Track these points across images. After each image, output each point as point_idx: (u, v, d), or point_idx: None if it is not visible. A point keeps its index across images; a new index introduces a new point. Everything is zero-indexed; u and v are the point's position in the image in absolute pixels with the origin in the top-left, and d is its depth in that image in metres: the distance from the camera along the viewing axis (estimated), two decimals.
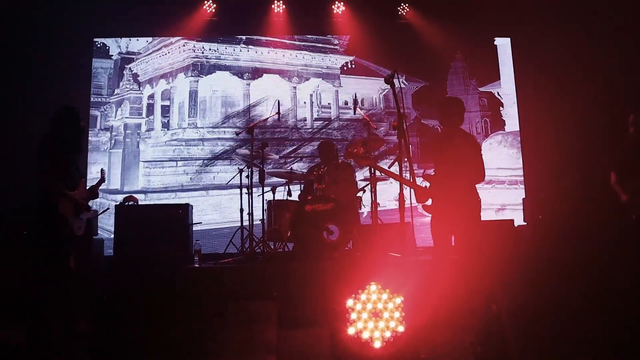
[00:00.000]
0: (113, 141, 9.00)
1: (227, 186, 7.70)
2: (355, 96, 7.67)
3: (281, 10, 8.83)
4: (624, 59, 8.00)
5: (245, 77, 9.20)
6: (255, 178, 6.87)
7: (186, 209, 7.08)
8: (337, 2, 8.89)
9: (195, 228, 7.27)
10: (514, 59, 9.20)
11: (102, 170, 5.71)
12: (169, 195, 8.75)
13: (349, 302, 4.02)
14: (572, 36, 8.39)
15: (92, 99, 8.89)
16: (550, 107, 8.54)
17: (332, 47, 9.35)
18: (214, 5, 8.70)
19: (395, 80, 4.56)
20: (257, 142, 7.04)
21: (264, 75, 9.27)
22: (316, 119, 9.20)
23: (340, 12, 8.90)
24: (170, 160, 8.94)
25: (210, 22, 8.79)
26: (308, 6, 8.89)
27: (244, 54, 9.23)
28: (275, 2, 8.81)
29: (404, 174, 4.75)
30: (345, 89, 9.29)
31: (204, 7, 8.67)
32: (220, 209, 8.50)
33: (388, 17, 8.95)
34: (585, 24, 8.24)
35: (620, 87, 7.91)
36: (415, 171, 4.89)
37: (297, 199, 7.10)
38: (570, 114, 8.30)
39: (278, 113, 8.04)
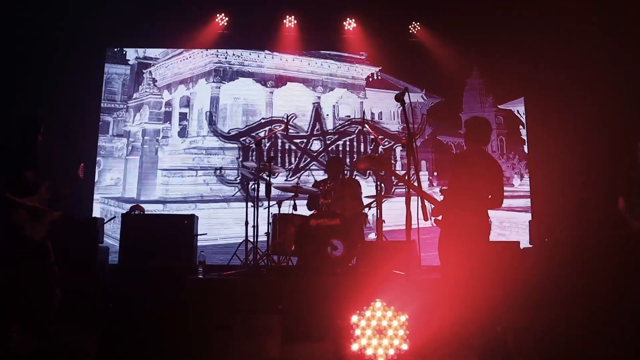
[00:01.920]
0: (130, 147, 8.88)
1: (249, 198, 7.43)
2: (363, 112, 7.69)
3: (292, 25, 8.89)
4: (633, 80, 8.02)
5: (268, 85, 9.11)
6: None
7: (191, 219, 7.10)
8: (348, 19, 8.95)
9: (217, 242, 7.17)
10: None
11: (81, 165, 5.60)
12: (188, 206, 8.55)
13: (354, 318, 4.02)
14: (581, 56, 8.41)
15: (105, 105, 8.85)
16: (558, 130, 8.55)
17: (359, 56, 9.28)
18: (226, 19, 8.76)
19: (406, 98, 4.58)
20: (264, 155, 7.07)
21: (288, 83, 9.18)
22: (329, 132, 9.15)
23: (351, 29, 8.96)
24: (189, 169, 8.79)
25: (222, 34, 8.85)
26: (319, 22, 8.93)
27: (268, 61, 9.15)
28: (287, 17, 8.87)
29: (411, 192, 4.74)
30: (365, 101, 9.20)
31: (216, 19, 8.74)
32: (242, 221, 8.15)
33: (399, 34, 9.00)
34: (593, 44, 8.27)
35: (630, 110, 7.93)
36: (429, 189, 4.91)
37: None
38: (578, 136, 8.31)
39: (286, 125, 8.10)
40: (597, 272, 6.33)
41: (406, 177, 4.87)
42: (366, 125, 7.12)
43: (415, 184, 4.78)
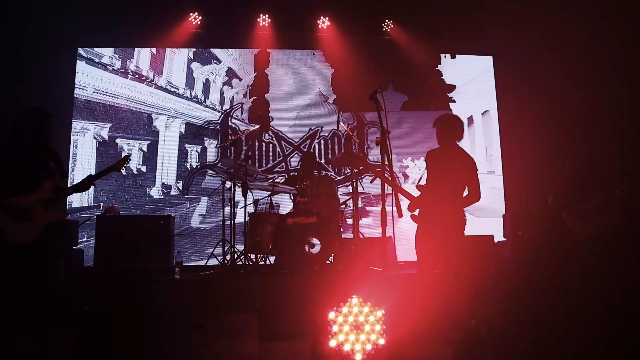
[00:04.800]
0: None
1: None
2: (339, 110, 7.70)
3: (267, 24, 8.86)
4: (603, 75, 8.20)
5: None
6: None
7: (168, 220, 7.06)
8: (322, 17, 8.95)
9: None
10: (496, 77, 9.36)
11: (127, 156, 5.48)
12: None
13: (331, 315, 4.05)
14: (554, 54, 8.56)
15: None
16: (531, 124, 8.69)
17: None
18: (200, 17, 8.71)
19: (379, 96, 4.63)
20: (240, 155, 7.06)
21: None
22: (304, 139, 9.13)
23: (325, 27, 8.98)
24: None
25: (196, 33, 8.79)
26: (293, 20, 8.93)
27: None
28: (261, 15, 8.84)
29: (386, 190, 4.78)
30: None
31: (190, 18, 8.68)
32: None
33: (372, 32, 9.05)
34: (568, 42, 8.42)
35: (601, 103, 8.12)
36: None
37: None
38: (551, 132, 8.45)
39: (261, 126, 8.10)
40: (569, 265, 6.46)
41: (378, 176, 4.93)
42: (341, 123, 7.13)
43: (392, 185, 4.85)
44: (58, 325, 4.85)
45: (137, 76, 8.73)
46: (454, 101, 9.33)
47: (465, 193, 5.08)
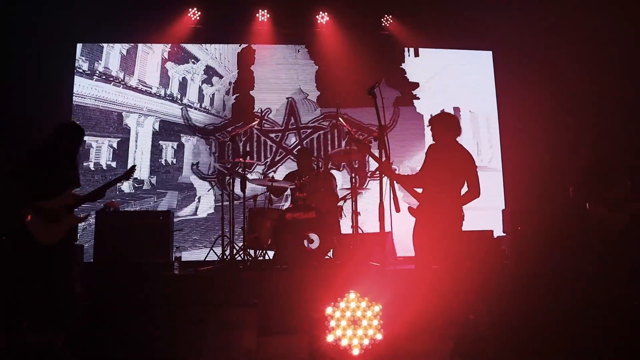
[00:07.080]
0: None
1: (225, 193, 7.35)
2: (337, 106, 7.68)
3: (265, 20, 8.86)
4: (603, 72, 8.19)
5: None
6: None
7: (167, 215, 7.07)
8: (321, 12, 8.94)
9: None
10: (495, 73, 9.35)
11: (133, 166, 5.67)
12: None
13: (328, 310, 4.05)
14: (554, 49, 8.56)
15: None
16: (530, 120, 8.69)
17: None
18: (199, 13, 8.69)
19: (377, 91, 4.62)
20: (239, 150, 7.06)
21: None
22: (302, 127, 9.15)
23: (324, 22, 8.96)
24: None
25: (194, 29, 8.77)
26: (292, 16, 8.92)
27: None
28: (260, 11, 8.83)
29: (384, 185, 4.77)
30: None
31: (189, 14, 8.67)
32: None
33: (371, 28, 9.03)
34: (568, 33, 8.42)
35: (600, 101, 8.10)
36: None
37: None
38: (550, 127, 8.45)
39: (261, 118, 8.06)
40: (569, 260, 6.46)
41: (376, 171, 4.92)
42: (340, 118, 7.12)
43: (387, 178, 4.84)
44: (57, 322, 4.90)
45: (103, 77, 8.68)
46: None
47: (465, 190, 5.08)
